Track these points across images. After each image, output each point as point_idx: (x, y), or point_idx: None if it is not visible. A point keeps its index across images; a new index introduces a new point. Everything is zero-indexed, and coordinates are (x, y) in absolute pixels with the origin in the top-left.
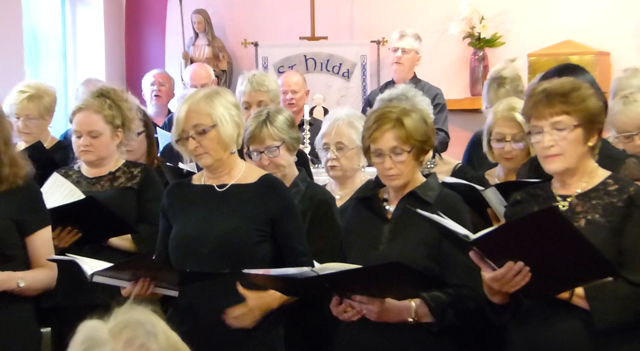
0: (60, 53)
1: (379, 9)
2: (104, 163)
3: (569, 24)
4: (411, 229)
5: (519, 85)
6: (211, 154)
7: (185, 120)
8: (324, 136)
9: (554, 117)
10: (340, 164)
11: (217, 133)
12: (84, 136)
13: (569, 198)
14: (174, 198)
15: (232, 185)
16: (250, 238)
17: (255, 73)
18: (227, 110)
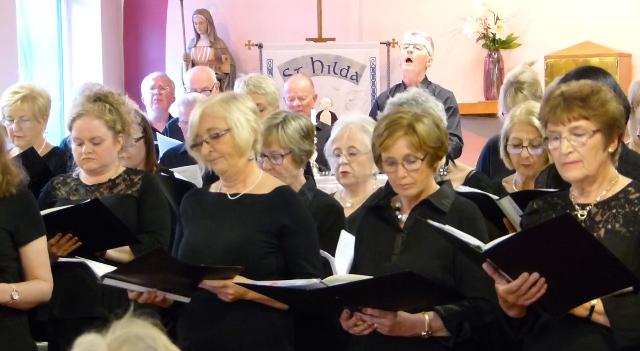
0: (56, 55)
1: (389, 9)
2: (105, 170)
3: (589, 25)
4: (425, 239)
5: (538, 90)
6: (226, 159)
7: (200, 124)
8: (335, 141)
9: (573, 122)
10: (352, 170)
11: (232, 137)
12: (86, 143)
13: (588, 206)
14: (189, 205)
15: (244, 194)
16: (257, 250)
17: (252, 75)
18: (244, 115)
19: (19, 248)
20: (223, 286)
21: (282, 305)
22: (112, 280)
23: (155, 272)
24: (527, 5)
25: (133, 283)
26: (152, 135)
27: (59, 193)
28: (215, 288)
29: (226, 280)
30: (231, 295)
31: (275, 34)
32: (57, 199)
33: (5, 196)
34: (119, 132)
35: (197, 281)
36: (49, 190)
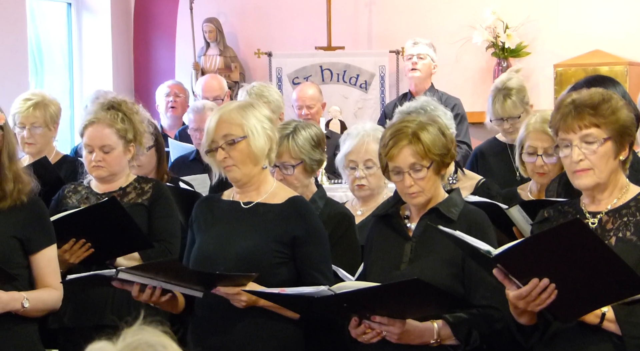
0: (66, 63)
1: (398, 17)
2: (115, 178)
3: (598, 33)
4: (434, 248)
5: (525, 97)
6: (239, 167)
7: (216, 129)
8: (351, 154)
9: (583, 130)
10: (369, 183)
11: (248, 145)
12: (96, 151)
13: (599, 214)
14: (200, 212)
15: (257, 203)
16: (268, 260)
17: (254, 84)
18: (260, 123)
19: (30, 256)
20: (237, 293)
21: (292, 314)
22: (126, 275)
23: (170, 274)
24: (536, 13)
25: (147, 278)
26: (163, 143)
27: (69, 201)
28: (229, 294)
29: (239, 287)
30: (244, 302)
31: (285, 42)
32: (68, 207)
33: (16, 204)
34: (130, 141)
35: (211, 287)
36: (60, 199)
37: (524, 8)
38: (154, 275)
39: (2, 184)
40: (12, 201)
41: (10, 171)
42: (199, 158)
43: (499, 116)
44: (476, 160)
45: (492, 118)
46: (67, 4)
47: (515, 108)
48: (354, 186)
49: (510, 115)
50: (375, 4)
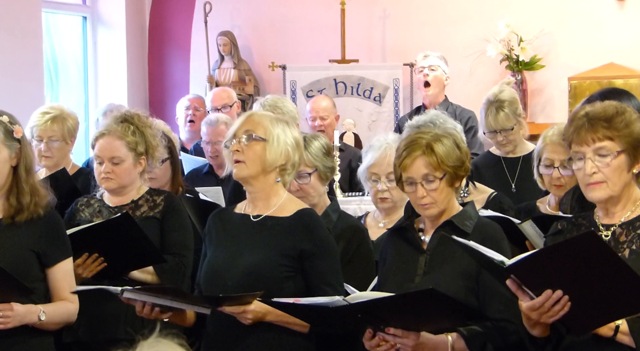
0: (81, 77)
1: (412, 30)
2: (126, 191)
3: (612, 46)
4: (448, 261)
5: (517, 109)
6: (247, 165)
7: (241, 124)
8: (373, 166)
9: (597, 143)
10: (391, 196)
11: (263, 148)
12: (106, 162)
13: (613, 227)
14: (213, 225)
15: (266, 216)
16: (277, 273)
17: (268, 97)
18: (285, 137)
19: (46, 270)
20: (242, 312)
21: (301, 328)
22: (131, 294)
23: (175, 297)
24: (550, 26)
25: (152, 297)
26: (178, 156)
27: (82, 215)
28: (234, 313)
29: (245, 306)
30: (250, 319)
31: (299, 55)
32: (81, 220)
33: (33, 217)
34: (140, 154)
35: (216, 306)
36: (73, 212)
37: (539, 21)
38: (159, 297)
39: (19, 197)
40: (29, 214)
41: (28, 184)
42: (212, 171)
43: (492, 128)
44: (471, 174)
45: (485, 131)
46: (82, 18)
47: (508, 120)
48: (377, 199)
49: (503, 127)
50: (389, 17)
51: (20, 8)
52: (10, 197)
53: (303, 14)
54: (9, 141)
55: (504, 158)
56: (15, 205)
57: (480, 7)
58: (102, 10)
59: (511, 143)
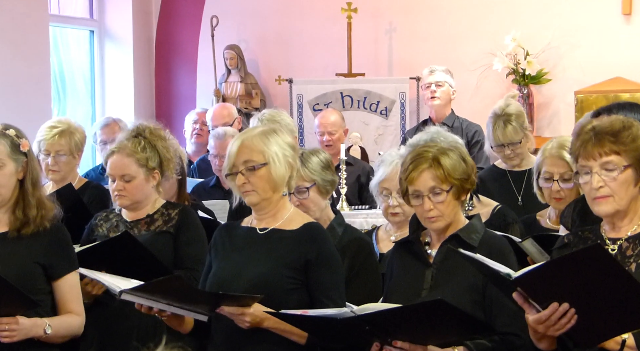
0: (88, 91)
1: (418, 44)
2: (141, 206)
3: (619, 60)
4: (455, 274)
5: (524, 122)
6: (258, 192)
7: (237, 154)
8: (385, 182)
9: (604, 157)
10: (403, 211)
11: (268, 171)
12: (117, 180)
13: (619, 241)
14: (220, 238)
15: (272, 229)
16: (282, 286)
17: (265, 111)
18: (282, 150)
19: (52, 282)
20: (241, 314)
21: (298, 338)
22: (129, 296)
23: (174, 294)
24: (557, 40)
25: (150, 300)
26: (185, 169)
27: (100, 230)
28: (233, 314)
29: (244, 308)
30: (248, 322)
31: (305, 69)
32: (99, 235)
33: (39, 230)
34: (152, 168)
35: (215, 307)
36: (92, 227)
37: (545, 35)
38: (158, 296)
39: (25, 210)
40: (35, 227)
41: (34, 197)
42: (219, 184)
43: (499, 142)
44: (476, 188)
45: (493, 144)
46: (90, 32)
47: (515, 133)
48: (388, 213)
49: (511, 140)
50: (395, 31)
51: (28, 22)
52: (16, 210)
53: (309, 27)
54: (16, 155)
55: (510, 171)
56: (21, 218)
57: (486, 21)
58: (110, 24)
59: (518, 156)
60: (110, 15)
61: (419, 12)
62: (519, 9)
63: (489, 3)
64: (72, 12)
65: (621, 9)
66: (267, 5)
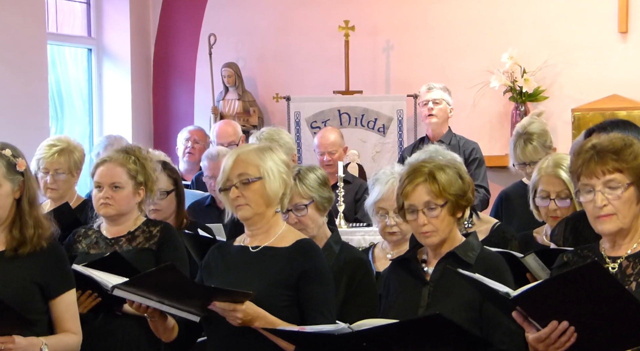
0: (86, 108)
1: (416, 62)
2: (123, 220)
3: (616, 78)
4: (451, 292)
5: (547, 141)
6: (251, 206)
7: (232, 168)
8: (381, 201)
9: (607, 175)
10: (400, 230)
11: (262, 186)
12: (105, 188)
13: (619, 259)
14: (212, 258)
15: (265, 247)
16: (275, 302)
17: (264, 130)
18: (277, 166)
19: (49, 301)
20: (232, 310)
21: (287, 345)
22: (122, 292)
23: (166, 288)
24: (554, 58)
25: (142, 297)
26: (183, 188)
27: (79, 246)
28: (225, 310)
29: (236, 304)
30: (240, 319)
31: (303, 86)
32: (78, 253)
33: (36, 249)
34: (140, 183)
35: (208, 302)
36: (71, 243)
37: (542, 53)
38: (150, 291)
39: (22, 230)
40: (32, 246)
41: (31, 217)
42: (213, 204)
43: (520, 161)
44: (501, 203)
45: (515, 162)
46: (87, 50)
47: (536, 153)
48: (385, 233)
49: (531, 160)
50: (392, 48)
51: (25, 40)
52: (13, 230)
53: (307, 45)
54: (12, 175)
55: None
56: (18, 237)
57: (483, 39)
58: (108, 43)
59: None
60: (108, 34)
61: (416, 30)
62: (515, 27)
63: (486, 21)
64: (70, 30)
65: (617, 27)
66: (264, 23)
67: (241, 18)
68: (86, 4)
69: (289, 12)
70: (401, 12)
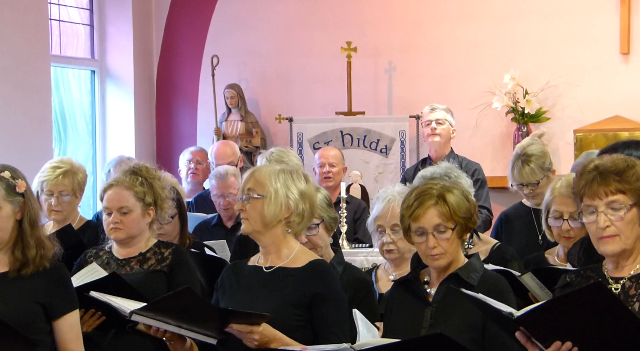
0: (89, 130)
1: (418, 82)
2: (134, 242)
3: (618, 99)
4: (454, 313)
5: (545, 163)
6: (250, 222)
7: (246, 180)
8: (378, 219)
9: (610, 196)
10: (397, 248)
11: (261, 205)
12: (114, 213)
13: (622, 280)
14: (227, 277)
15: (278, 267)
16: (288, 323)
17: (273, 150)
18: (285, 190)
19: (52, 322)
20: (249, 332)
21: None
22: (140, 317)
23: (184, 312)
24: (556, 79)
25: (160, 321)
26: (186, 210)
27: None
28: (242, 332)
29: (253, 326)
30: (257, 341)
31: (306, 107)
32: None
33: (39, 270)
34: (149, 204)
35: (225, 325)
36: (82, 264)
37: (544, 74)
38: (167, 315)
39: (24, 251)
40: (35, 267)
41: (33, 237)
42: (220, 223)
43: (517, 182)
44: (501, 225)
45: (512, 183)
46: (91, 72)
47: (533, 174)
48: (383, 250)
49: (528, 181)
50: (395, 69)
51: (29, 62)
52: (15, 251)
53: (309, 66)
54: (12, 196)
55: (534, 209)
56: (20, 258)
57: (485, 60)
58: (111, 64)
59: (539, 196)
60: (112, 56)
61: (419, 51)
62: (517, 48)
63: (488, 42)
64: (74, 52)
65: (619, 48)
66: (267, 44)
67: (244, 39)
68: (89, 26)
69: (291, 33)
70: (403, 33)
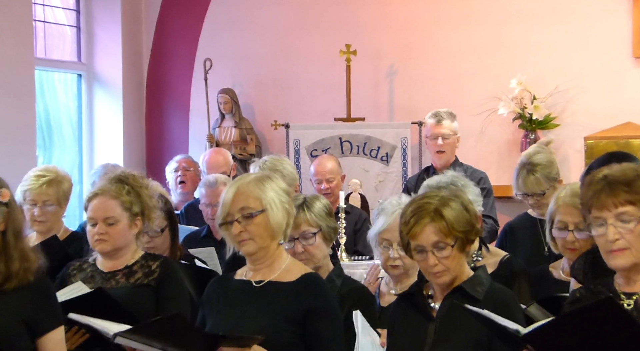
0: (76, 136)
1: (420, 87)
2: (120, 255)
3: (629, 105)
4: (458, 329)
5: (552, 172)
6: (256, 241)
7: (233, 202)
8: (385, 232)
9: (619, 208)
10: (403, 263)
11: (266, 219)
12: (99, 223)
13: (635, 296)
14: (213, 292)
15: (269, 282)
16: (280, 340)
17: (266, 158)
18: (278, 196)
19: (37, 339)
20: None
21: None
22: (124, 340)
23: (170, 336)
24: (565, 84)
25: (145, 344)
26: (177, 221)
27: (74, 280)
28: None
29: (244, 348)
30: None
31: (303, 113)
32: None
33: (22, 284)
34: (136, 214)
35: (213, 349)
36: (65, 277)
37: (552, 78)
38: (153, 339)
39: (8, 264)
40: (19, 281)
41: (17, 250)
42: (210, 234)
43: (522, 191)
44: (505, 236)
45: (517, 193)
46: (77, 75)
47: (538, 184)
48: (387, 265)
49: (533, 191)
50: (396, 73)
51: (12, 65)
52: None
53: (307, 70)
54: None
55: (540, 220)
56: (4, 272)
57: (491, 63)
58: (98, 68)
59: (544, 206)
60: (99, 58)
61: (421, 54)
62: (524, 51)
63: (493, 44)
64: (59, 55)
65: (632, 51)
66: (262, 46)
67: (238, 42)
68: (76, 27)
69: (287, 35)
70: (405, 36)
